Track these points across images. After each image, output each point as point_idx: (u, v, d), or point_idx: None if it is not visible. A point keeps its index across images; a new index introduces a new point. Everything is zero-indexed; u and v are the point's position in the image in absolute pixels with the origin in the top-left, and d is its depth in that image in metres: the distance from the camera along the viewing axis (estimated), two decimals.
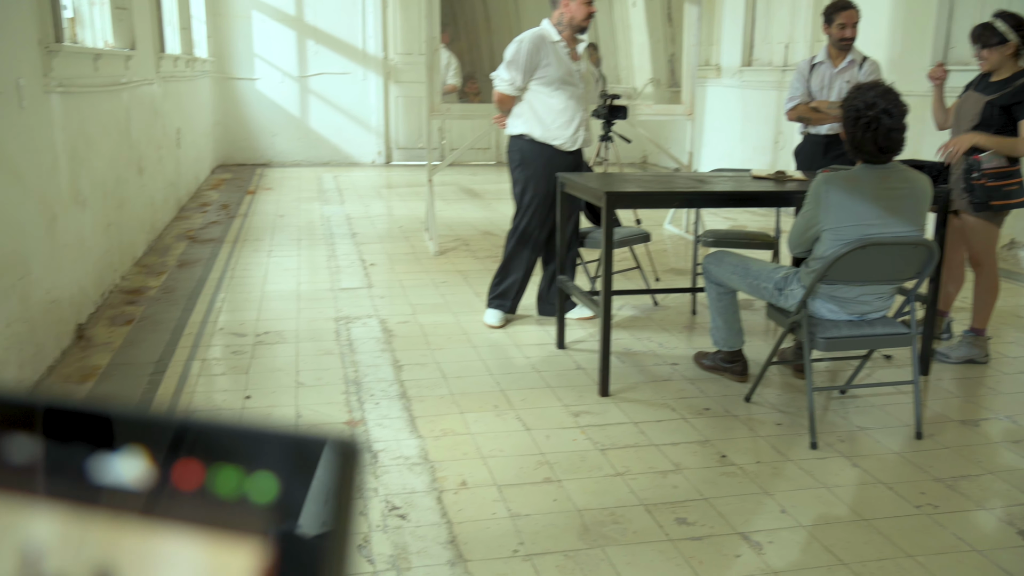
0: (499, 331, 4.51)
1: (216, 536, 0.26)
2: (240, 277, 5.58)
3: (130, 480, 0.27)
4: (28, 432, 0.27)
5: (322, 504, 0.26)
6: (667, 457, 3.13)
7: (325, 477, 0.26)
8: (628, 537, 2.60)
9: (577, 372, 3.96)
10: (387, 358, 4.08)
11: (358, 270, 5.81)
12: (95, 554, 0.27)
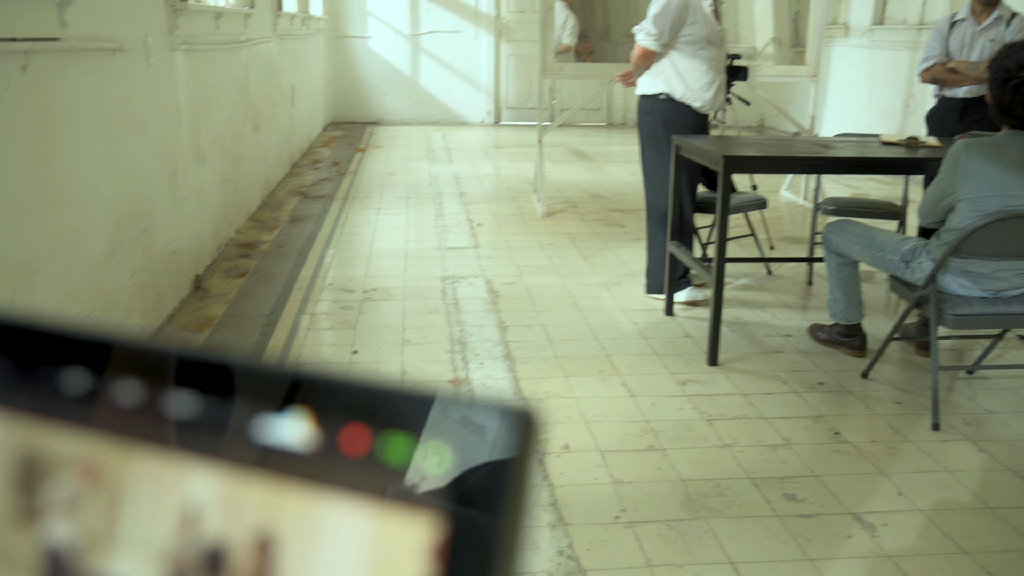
0: (607, 296, 4.50)
1: (385, 507, 0.25)
2: (349, 234, 5.73)
3: (295, 443, 0.27)
4: (190, 388, 0.28)
5: (497, 478, 0.25)
6: (777, 431, 3.06)
7: (502, 449, 0.25)
8: (733, 510, 2.57)
9: (685, 340, 3.91)
10: (492, 319, 4.13)
11: (465, 230, 5.88)
12: (256, 518, 0.27)
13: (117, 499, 0.28)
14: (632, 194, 7.18)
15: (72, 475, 0.29)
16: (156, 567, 0.27)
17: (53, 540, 0.29)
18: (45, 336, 0.30)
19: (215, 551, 0.26)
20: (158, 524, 0.27)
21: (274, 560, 0.26)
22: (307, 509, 0.26)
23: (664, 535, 2.43)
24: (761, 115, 11.49)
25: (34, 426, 0.30)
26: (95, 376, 0.29)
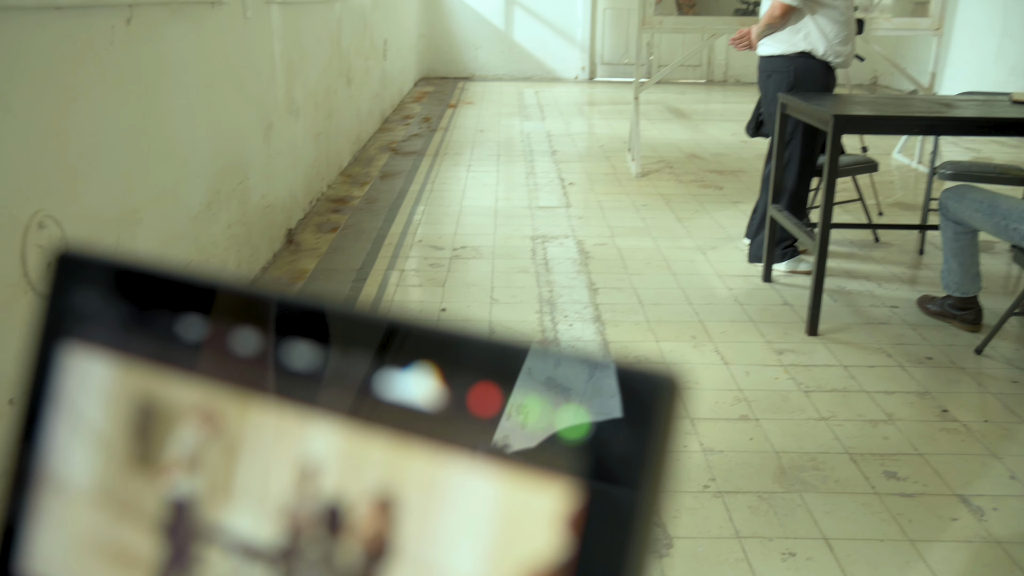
0: (702, 260, 4.42)
1: (515, 471, 0.24)
2: (439, 191, 5.77)
3: (420, 400, 0.26)
4: (313, 340, 0.28)
5: (637, 447, 0.24)
6: (879, 406, 2.98)
7: (642, 416, 0.24)
8: (829, 485, 2.52)
9: (783, 308, 3.82)
10: (583, 280, 4.11)
11: (556, 189, 5.85)
12: (377, 477, 0.26)
13: (235, 450, 0.29)
14: (731, 155, 7.02)
15: (191, 423, 0.30)
16: (273, 521, 0.28)
17: (173, 489, 0.30)
18: (165, 282, 0.31)
19: (334, 508, 0.27)
20: (276, 478, 0.28)
21: (395, 521, 0.26)
22: (432, 470, 0.25)
23: (755, 507, 2.41)
24: (874, 72, 11.03)
25: (153, 373, 0.31)
26: (214, 324, 0.30)
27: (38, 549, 0.32)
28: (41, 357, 0.33)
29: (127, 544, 0.30)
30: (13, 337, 2.06)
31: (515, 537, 0.24)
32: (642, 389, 0.24)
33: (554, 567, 0.23)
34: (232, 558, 0.28)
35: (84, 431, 0.32)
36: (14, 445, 0.33)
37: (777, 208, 4.01)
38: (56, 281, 0.33)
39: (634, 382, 0.24)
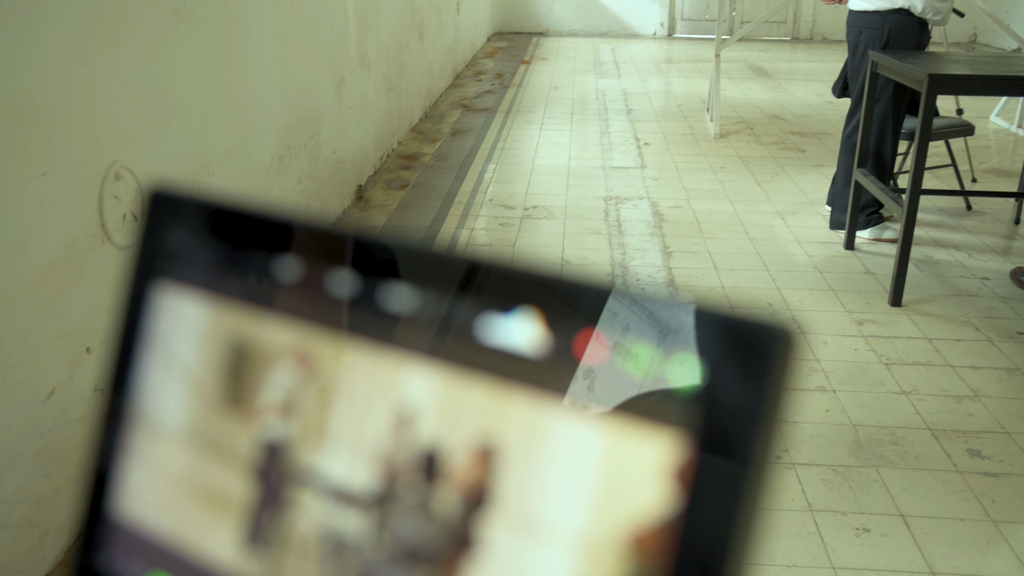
0: (781, 225, 4.34)
1: (622, 421, 0.24)
2: (511, 149, 5.75)
3: (523, 346, 0.25)
4: (412, 282, 0.28)
5: (752, 400, 0.23)
6: (964, 381, 2.90)
7: (757, 370, 0.23)
8: (908, 461, 2.47)
9: (866, 277, 3.73)
10: (656, 243, 4.07)
11: (631, 149, 5.78)
12: (477, 424, 0.26)
13: (330, 394, 0.29)
14: (815, 116, 6.83)
15: (285, 366, 0.30)
16: (368, 466, 0.28)
17: (266, 432, 0.31)
18: (259, 222, 0.31)
19: (431, 455, 0.27)
20: (371, 423, 0.28)
21: (495, 470, 0.25)
22: (534, 418, 0.25)
23: (829, 480, 2.37)
24: (974, 29, 10.58)
25: (247, 314, 0.31)
26: (309, 265, 0.30)
27: (130, 489, 0.33)
28: (134, 297, 0.33)
29: (219, 485, 0.31)
30: (89, 287, 2.13)
31: (620, 490, 0.23)
32: (758, 341, 0.23)
33: (660, 522, 0.23)
34: (325, 502, 0.29)
35: (177, 372, 0.32)
36: (106, 385, 0.34)
37: (863, 172, 3.90)
38: (149, 219, 0.34)
39: (750, 333, 0.23)
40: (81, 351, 2.11)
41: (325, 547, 0.29)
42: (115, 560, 0.33)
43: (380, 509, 0.27)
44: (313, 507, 0.29)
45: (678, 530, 0.22)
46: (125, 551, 0.33)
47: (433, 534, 0.26)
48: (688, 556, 0.22)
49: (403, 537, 0.27)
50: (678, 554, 0.22)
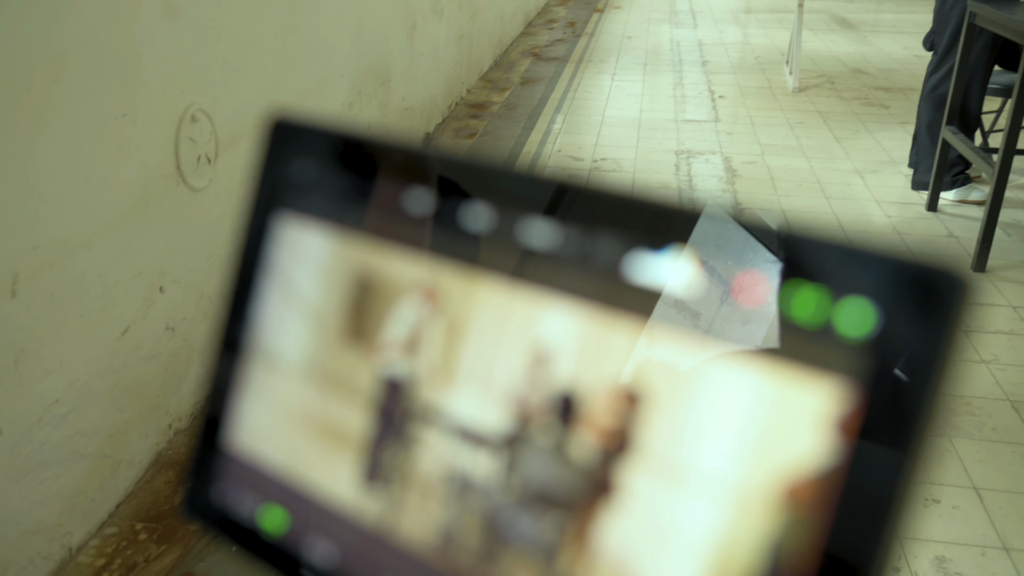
0: (860, 184, 4.22)
1: (782, 367, 0.23)
2: (581, 99, 5.69)
3: (674, 286, 0.24)
4: (552, 217, 0.27)
5: (922, 348, 0.22)
6: None
7: (929, 317, 0.22)
8: (984, 433, 2.41)
9: (948, 240, 3.62)
10: (728, 200, 4.00)
11: (705, 102, 5.67)
12: (620, 366, 0.25)
13: (459, 330, 0.29)
14: (901, 71, 6.60)
15: (411, 300, 0.30)
16: (499, 406, 0.28)
17: (389, 367, 0.31)
18: (384, 151, 0.30)
19: (569, 397, 0.26)
20: (504, 361, 0.27)
21: (639, 415, 0.25)
22: (685, 361, 0.24)
23: None
24: None
25: (371, 246, 0.31)
26: (438, 196, 0.29)
27: (245, 422, 0.33)
28: (254, 227, 0.33)
29: (338, 421, 0.31)
30: (164, 227, 2.18)
31: (776, 439, 0.22)
32: (934, 287, 0.22)
33: (819, 474, 0.22)
34: (451, 441, 0.28)
35: (297, 304, 0.32)
36: (224, 316, 0.34)
37: (951, 130, 3.76)
38: (270, 148, 0.33)
39: (925, 278, 0.22)
40: (155, 290, 2.16)
41: (449, 487, 0.28)
42: (229, 492, 0.34)
43: (510, 451, 0.27)
44: (438, 446, 0.29)
45: (838, 484, 0.21)
46: (239, 484, 0.33)
47: (568, 479, 0.26)
48: (846, 512, 0.21)
49: (535, 481, 0.26)
50: (836, 509, 0.21)
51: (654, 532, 0.24)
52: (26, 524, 1.77)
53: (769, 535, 0.22)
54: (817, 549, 0.22)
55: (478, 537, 0.28)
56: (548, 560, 0.26)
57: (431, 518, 0.29)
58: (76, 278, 1.86)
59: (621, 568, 0.25)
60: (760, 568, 0.22)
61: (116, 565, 1.93)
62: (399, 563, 0.29)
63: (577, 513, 0.26)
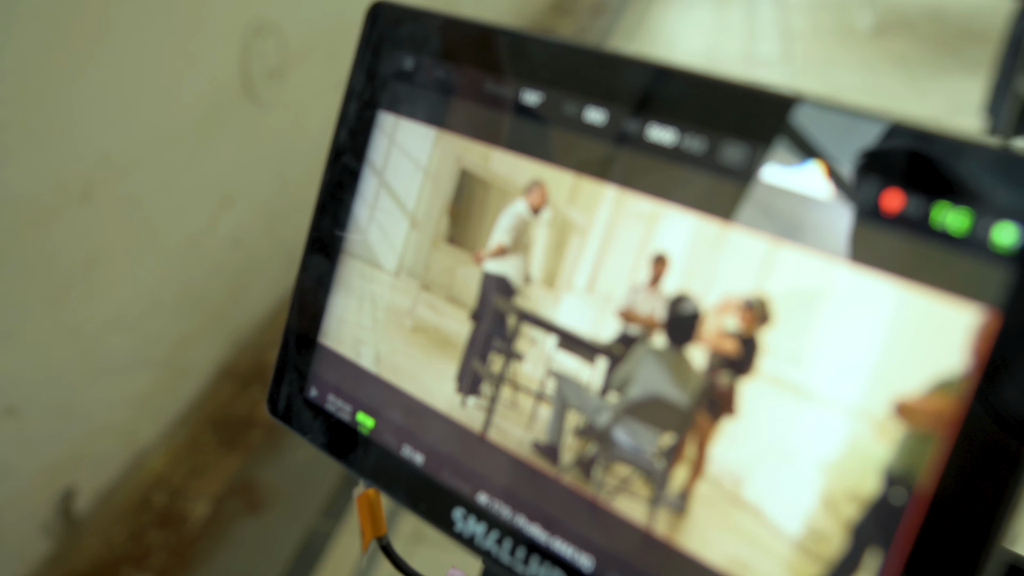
0: None
1: (918, 282, 0.22)
2: (647, 31, 5.55)
3: (813, 198, 0.23)
4: (673, 122, 0.25)
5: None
6: None
7: None
8: None
9: None
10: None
11: (776, 39, 5.49)
12: (743, 278, 0.24)
13: (566, 236, 0.28)
14: (985, 15, 6.31)
15: (518, 205, 0.29)
16: (610, 313, 0.27)
17: (493, 269, 0.30)
18: (499, 40, 0.29)
19: (686, 306, 0.25)
20: (617, 267, 0.27)
21: (759, 325, 0.24)
22: (817, 273, 0.23)
23: None
24: None
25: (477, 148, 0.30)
26: (551, 94, 0.28)
27: (338, 321, 0.33)
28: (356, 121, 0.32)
29: (440, 324, 0.31)
30: (230, 141, 2.19)
31: (911, 353, 0.21)
32: None
33: (942, 394, 0.21)
34: (558, 346, 0.28)
35: (400, 204, 0.32)
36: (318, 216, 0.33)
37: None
38: (368, 36, 0.32)
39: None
40: (220, 203, 2.18)
41: (555, 395, 0.28)
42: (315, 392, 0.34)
43: (623, 359, 0.27)
44: (543, 352, 0.28)
45: (965, 405, 0.20)
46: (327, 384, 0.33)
47: (683, 390, 0.25)
48: (972, 432, 0.20)
49: (648, 391, 0.26)
50: (960, 429, 0.20)
51: (773, 448, 0.23)
52: (97, 423, 1.84)
53: (890, 454, 0.22)
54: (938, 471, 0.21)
55: (583, 444, 0.27)
56: (658, 473, 0.26)
57: (534, 424, 0.28)
58: (144, 189, 1.88)
59: (737, 485, 0.24)
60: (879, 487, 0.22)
61: (181, 468, 2.00)
62: (497, 466, 0.29)
63: (692, 423, 0.25)
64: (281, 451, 2.08)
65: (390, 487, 0.31)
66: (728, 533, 0.24)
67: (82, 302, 1.75)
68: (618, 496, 0.26)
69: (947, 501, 0.20)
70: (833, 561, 0.23)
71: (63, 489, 1.76)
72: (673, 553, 0.25)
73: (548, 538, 0.27)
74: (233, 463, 2.03)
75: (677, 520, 0.25)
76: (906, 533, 0.21)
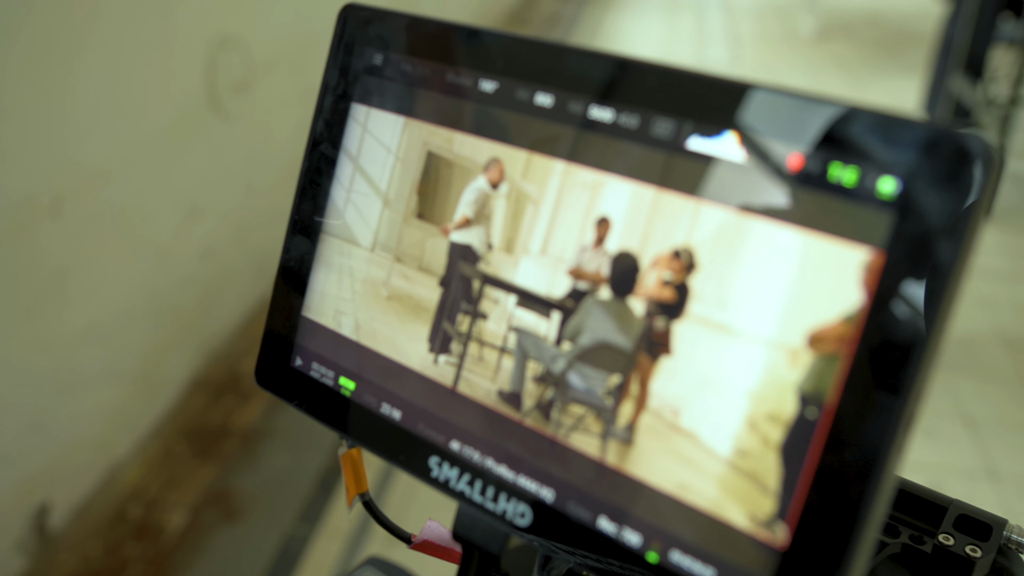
0: None
1: (818, 230, 0.25)
2: (602, 40, 5.61)
3: (723, 164, 0.26)
4: (615, 102, 0.28)
5: (944, 216, 0.23)
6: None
7: (953, 183, 0.23)
8: (980, 371, 2.43)
9: None
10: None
11: (725, 45, 5.59)
12: (673, 234, 0.27)
13: (523, 206, 0.31)
14: (919, 19, 6.46)
15: (478, 181, 0.32)
16: (561, 273, 0.30)
17: (458, 240, 0.33)
18: (457, 36, 0.32)
19: (626, 261, 0.28)
20: (566, 233, 0.30)
21: (689, 273, 0.27)
22: (731, 228, 0.27)
23: None
24: None
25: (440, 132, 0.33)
26: (504, 80, 0.31)
27: (319, 295, 0.36)
28: (331, 112, 0.35)
29: (412, 291, 0.34)
30: (198, 154, 2.20)
31: (809, 292, 0.25)
32: (955, 156, 0.23)
33: (843, 323, 0.24)
34: (516, 304, 0.31)
35: (370, 186, 0.34)
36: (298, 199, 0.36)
37: (958, 77, 3.70)
38: (341, 33, 0.35)
39: (947, 147, 0.23)
40: (189, 215, 2.19)
41: (516, 348, 0.31)
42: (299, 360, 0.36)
43: (573, 312, 0.30)
44: (504, 310, 0.31)
45: (859, 330, 0.24)
46: (310, 352, 0.36)
47: (627, 333, 0.28)
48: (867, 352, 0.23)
49: (596, 337, 0.29)
50: (857, 349, 0.24)
51: (705, 381, 0.27)
52: (71, 436, 1.83)
53: (803, 378, 0.25)
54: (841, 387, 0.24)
55: (542, 389, 0.30)
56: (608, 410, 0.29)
57: (498, 375, 0.31)
58: (114, 202, 1.88)
59: (675, 415, 0.27)
60: (796, 407, 0.25)
61: (157, 479, 1.99)
62: (466, 416, 0.31)
63: (634, 364, 0.28)
64: (256, 459, 2.08)
65: (372, 443, 0.34)
66: (670, 458, 0.27)
67: (54, 315, 1.74)
68: (574, 433, 0.29)
69: (850, 410, 0.24)
70: (760, 475, 0.26)
71: (37, 504, 1.75)
72: (623, 479, 0.28)
73: (514, 476, 0.30)
74: (208, 473, 2.03)
75: (625, 450, 0.28)
76: (818, 443, 0.24)
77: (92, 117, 1.78)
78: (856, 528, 0.24)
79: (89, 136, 1.78)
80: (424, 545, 0.35)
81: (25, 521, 1.72)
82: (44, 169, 1.66)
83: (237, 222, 2.41)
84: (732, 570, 0.26)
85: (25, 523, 1.72)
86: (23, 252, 1.63)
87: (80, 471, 1.87)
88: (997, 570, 0.43)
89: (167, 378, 2.17)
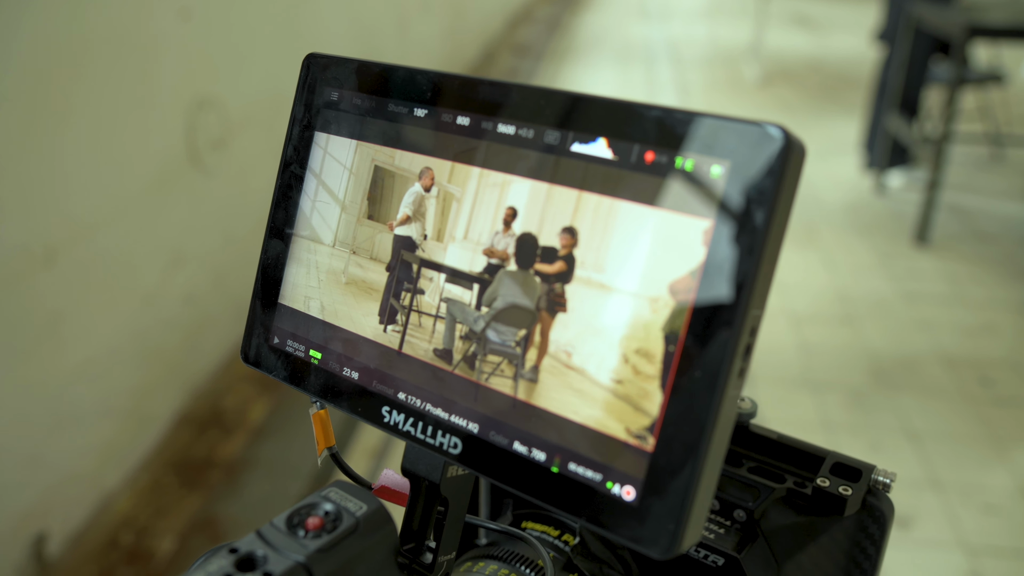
0: (816, 167, 4.32)
1: (668, 206, 0.32)
2: None
3: (598, 163, 0.34)
4: (511, 119, 0.35)
5: (756, 191, 0.30)
6: (980, 316, 2.92)
7: (761, 164, 0.30)
8: (922, 389, 2.53)
9: (894, 218, 3.73)
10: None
11: (675, 92, 5.75)
12: (564, 219, 0.35)
13: (449, 205, 0.38)
14: (856, 64, 6.70)
15: (415, 187, 0.39)
16: (479, 254, 0.37)
17: (401, 234, 0.40)
18: (395, 76, 0.39)
19: (528, 242, 0.36)
20: (482, 223, 0.37)
21: (576, 245, 0.35)
22: (605, 211, 0.34)
23: (845, 403, 2.44)
24: None
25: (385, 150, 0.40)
26: (434, 109, 0.38)
27: (294, 284, 0.43)
28: (299, 139, 0.42)
29: (365, 277, 0.40)
30: (179, 206, 2.25)
31: (664, 253, 0.32)
32: (760, 142, 0.31)
33: (689, 276, 0.31)
34: (446, 281, 0.38)
35: (333, 195, 0.41)
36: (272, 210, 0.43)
37: (895, 116, 3.86)
38: (306, 77, 0.42)
39: (755, 136, 0.31)
40: (172, 263, 2.24)
41: (447, 314, 0.38)
42: (277, 339, 0.43)
43: (489, 283, 0.37)
44: (437, 285, 0.38)
45: (699, 280, 0.31)
46: (285, 332, 0.43)
47: (530, 296, 0.35)
48: (705, 297, 0.31)
49: (507, 300, 0.36)
50: (697, 296, 0.31)
51: (590, 328, 0.34)
52: (66, 470, 1.86)
53: (665, 321, 0.32)
54: (687, 325, 0.31)
55: (467, 345, 0.37)
56: (518, 357, 0.36)
57: (434, 337, 0.38)
58: (103, 251, 1.93)
59: (568, 356, 0.34)
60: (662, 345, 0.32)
61: (147, 508, 2.02)
62: (410, 371, 0.38)
63: (539, 319, 0.35)
64: (239, 488, 2.11)
65: (336, 400, 0.40)
66: (565, 390, 0.34)
67: (49, 357, 1.78)
68: (492, 378, 0.36)
69: (696, 341, 0.31)
70: (633, 398, 0.33)
71: (35, 534, 1.77)
72: (531, 410, 0.35)
73: (448, 416, 0.37)
74: (195, 502, 2.06)
75: (532, 387, 0.35)
76: (674, 369, 0.31)
77: (82, 173, 1.84)
78: (704, 431, 0.31)
79: (79, 191, 1.83)
80: (382, 491, 0.41)
81: (24, 550, 1.74)
82: (38, 222, 1.71)
83: (216, 268, 2.46)
84: (615, 472, 0.33)
85: (24, 552, 1.74)
86: (19, 298, 1.68)
87: (75, 502, 1.90)
88: (868, 507, 0.50)
89: (154, 414, 2.20)
